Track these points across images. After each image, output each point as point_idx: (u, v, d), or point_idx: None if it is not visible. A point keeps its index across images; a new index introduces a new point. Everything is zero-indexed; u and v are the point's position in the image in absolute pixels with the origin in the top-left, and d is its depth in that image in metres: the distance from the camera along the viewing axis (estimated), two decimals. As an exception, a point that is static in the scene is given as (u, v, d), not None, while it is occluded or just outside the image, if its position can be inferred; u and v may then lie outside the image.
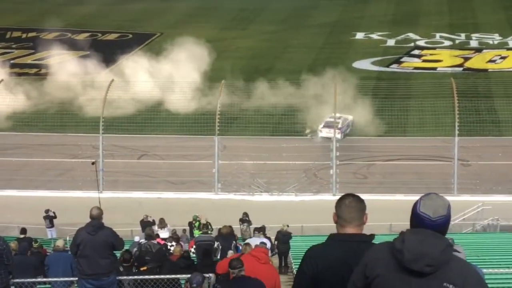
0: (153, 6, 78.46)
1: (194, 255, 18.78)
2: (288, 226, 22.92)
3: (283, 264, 21.50)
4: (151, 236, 17.48)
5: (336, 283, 4.74)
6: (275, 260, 21.54)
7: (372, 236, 4.89)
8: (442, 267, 3.93)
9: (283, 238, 21.70)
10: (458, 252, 4.08)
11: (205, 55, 49.04)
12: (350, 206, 4.88)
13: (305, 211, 31.18)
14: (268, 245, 17.63)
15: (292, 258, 20.88)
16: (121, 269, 12.56)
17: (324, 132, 39.03)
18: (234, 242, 18.37)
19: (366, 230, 5.07)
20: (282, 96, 40.92)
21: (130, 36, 67.09)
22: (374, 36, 65.71)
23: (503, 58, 56.75)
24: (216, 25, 68.41)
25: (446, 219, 4.08)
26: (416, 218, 4.10)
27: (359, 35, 66.24)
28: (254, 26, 69.74)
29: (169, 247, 19.35)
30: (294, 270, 17.49)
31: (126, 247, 16.44)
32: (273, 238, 22.65)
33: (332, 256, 4.82)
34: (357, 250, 4.59)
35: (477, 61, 56.25)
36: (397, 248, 4.02)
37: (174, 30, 62.24)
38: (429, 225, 4.04)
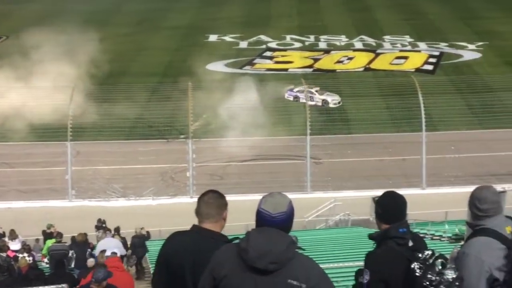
0: (-3, 8, 75.17)
1: (47, 265, 18.23)
2: (143, 228, 22.69)
3: (138, 268, 21.19)
4: (1, 249, 16.76)
5: (178, 267, 4.87)
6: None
7: (224, 237, 4.91)
8: (286, 264, 4.01)
9: (139, 241, 21.44)
10: (302, 249, 4.19)
11: (55, 59, 47.53)
12: (209, 202, 5.00)
13: (162, 215, 31.00)
14: (119, 250, 17.29)
15: (150, 263, 20.66)
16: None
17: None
18: (89, 250, 17.94)
19: (225, 230, 5.14)
20: (137, 99, 40.46)
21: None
22: (227, 38, 66.46)
23: (350, 59, 59.09)
24: (67, 28, 66.47)
25: (287, 216, 4.18)
26: (258, 215, 4.20)
27: (213, 37, 66.76)
28: (108, 29, 68.43)
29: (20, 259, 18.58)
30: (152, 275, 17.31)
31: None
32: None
33: (177, 242, 4.99)
34: (201, 244, 4.72)
35: (326, 62, 58.23)
36: (242, 247, 4.08)
37: (21, 34, 59.79)
38: (269, 222, 4.13)
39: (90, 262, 15.42)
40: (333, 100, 46.32)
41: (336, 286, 10.25)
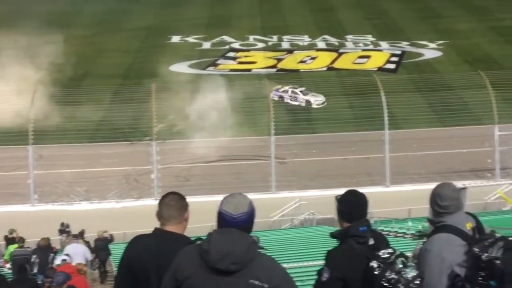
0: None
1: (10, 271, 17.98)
2: (106, 231, 22.52)
3: (102, 271, 21.03)
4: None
5: (140, 271, 4.85)
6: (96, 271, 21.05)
7: (187, 238, 4.89)
8: (248, 265, 4.01)
9: (102, 244, 21.27)
10: (264, 249, 4.18)
11: (15, 61, 46.91)
12: (170, 204, 4.96)
13: (127, 218, 30.72)
14: (82, 255, 17.12)
15: (114, 266, 20.48)
16: None
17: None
18: (52, 254, 17.71)
19: (190, 232, 5.12)
20: (100, 101, 40.12)
21: None
22: (190, 39, 66.33)
23: (313, 58, 59.41)
24: (26, 30, 65.64)
25: (248, 217, 4.17)
26: (219, 216, 4.19)
27: (175, 39, 66.57)
28: (68, 30, 67.74)
29: (-19, 265, 18.31)
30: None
31: None
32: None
33: (140, 245, 4.95)
34: (164, 246, 4.71)
35: (289, 62, 58.45)
36: (203, 249, 4.07)
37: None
38: (230, 223, 4.13)
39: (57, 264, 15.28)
40: (316, 100, 46.42)
41: (302, 285, 10.28)
